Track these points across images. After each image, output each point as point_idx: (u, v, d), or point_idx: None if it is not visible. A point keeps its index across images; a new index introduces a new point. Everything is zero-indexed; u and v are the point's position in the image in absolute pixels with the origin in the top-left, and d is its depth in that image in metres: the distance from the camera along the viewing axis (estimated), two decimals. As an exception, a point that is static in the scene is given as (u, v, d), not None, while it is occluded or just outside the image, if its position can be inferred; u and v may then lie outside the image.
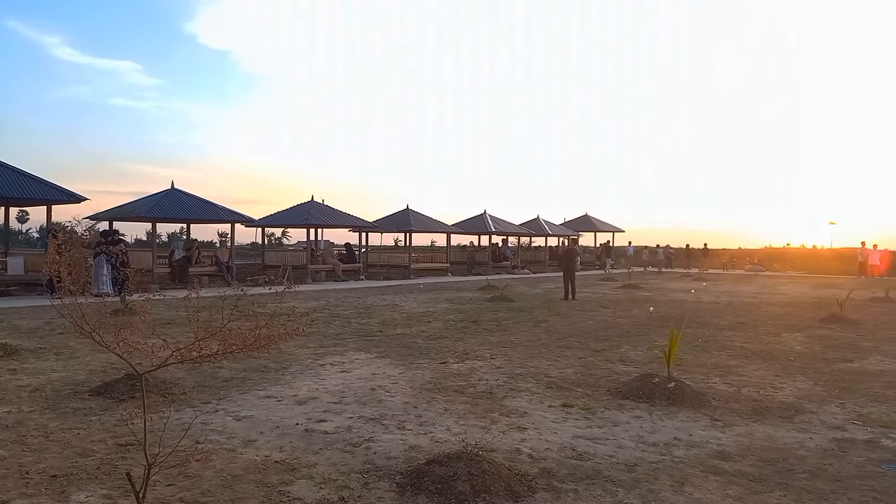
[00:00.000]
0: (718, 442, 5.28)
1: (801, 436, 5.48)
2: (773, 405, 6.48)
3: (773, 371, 8.21)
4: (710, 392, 6.95)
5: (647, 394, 6.59)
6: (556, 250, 36.38)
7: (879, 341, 10.72)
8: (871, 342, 10.62)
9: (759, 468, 4.67)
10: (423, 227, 29.71)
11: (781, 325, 12.69)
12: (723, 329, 12.10)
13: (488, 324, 12.42)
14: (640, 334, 11.33)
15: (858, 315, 13.97)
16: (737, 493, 4.19)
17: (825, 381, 7.60)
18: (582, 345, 10.10)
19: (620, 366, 8.44)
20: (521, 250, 37.78)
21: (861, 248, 32.23)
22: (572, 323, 12.78)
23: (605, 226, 41.68)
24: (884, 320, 13.67)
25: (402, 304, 16.15)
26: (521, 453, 4.91)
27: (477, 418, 5.89)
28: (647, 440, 5.30)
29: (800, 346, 10.17)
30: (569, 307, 15.94)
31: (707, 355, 9.27)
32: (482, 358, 8.85)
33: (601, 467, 4.65)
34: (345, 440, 5.19)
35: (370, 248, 31.49)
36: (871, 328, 12.37)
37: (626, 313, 14.67)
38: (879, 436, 5.47)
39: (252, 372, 7.64)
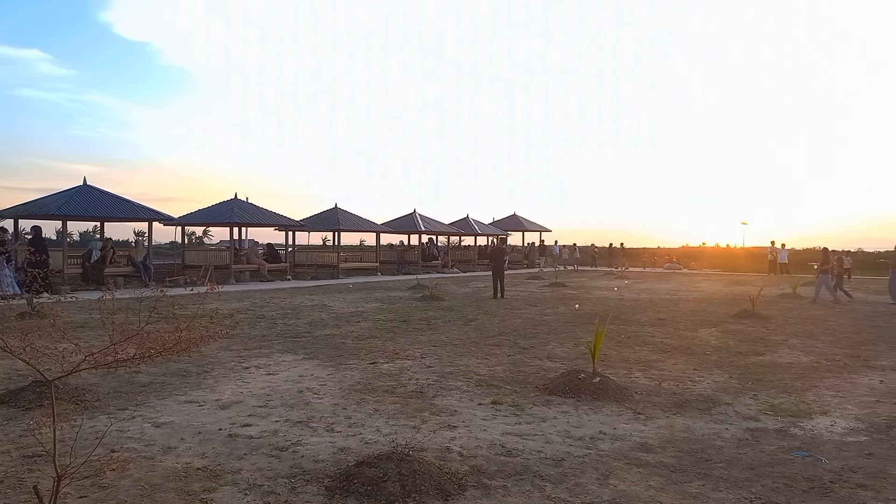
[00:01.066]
0: (641, 435, 5.45)
1: (717, 427, 5.73)
2: (692, 398, 6.75)
3: (691, 365, 8.55)
4: (632, 386, 7.17)
5: (574, 389, 6.74)
6: (485, 249, 36.76)
7: (788, 335, 11.36)
8: (781, 336, 11.24)
9: (679, 459, 4.85)
10: (352, 226, 29.37)
11: (698, 321, 13.26)
12: (644, 325, 12.53)
13: (418, 323, 12.40)
14: (566, 331, 11.58)
15: (769, 311, 14.76)
16: (659, 484, 4.33)
17: (739, 374, 7.98)
18: (511, 342, 10.23)
19: (548, 362, 8.60)
20: (451, 249, 37.98)
21: (771, 247, 34.14)
22: (501, 321, 12.93)
23: (533, 225, 42.44)
24: (792, 315, 14.49)
25: (331, 304, 15.91)
26: (452, 452, 4.91)
27: (407, 418, 5.85)
28: (573, 435, 5.42)
29: (715, 341, 10.65)
30: (498, 305, 16.13)
31: (630, 351, 9.57)
32: (412, 357, 8.82)
33: (530, 463, 4.71)
34: (271, 444, 5.04)
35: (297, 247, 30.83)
36: (781, 323, 13.10)
37: (553, 311, 14.97)
38: (788, 425, 5.79)
39: (172, 376, 7.33)
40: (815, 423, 5.83)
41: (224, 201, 25.28)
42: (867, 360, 9.02)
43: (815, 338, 11.06)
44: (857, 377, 7.88)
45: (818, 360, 8.94)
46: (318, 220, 29.37)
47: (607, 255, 40.76)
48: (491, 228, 38.98)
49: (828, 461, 4.79)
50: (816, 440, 5.35)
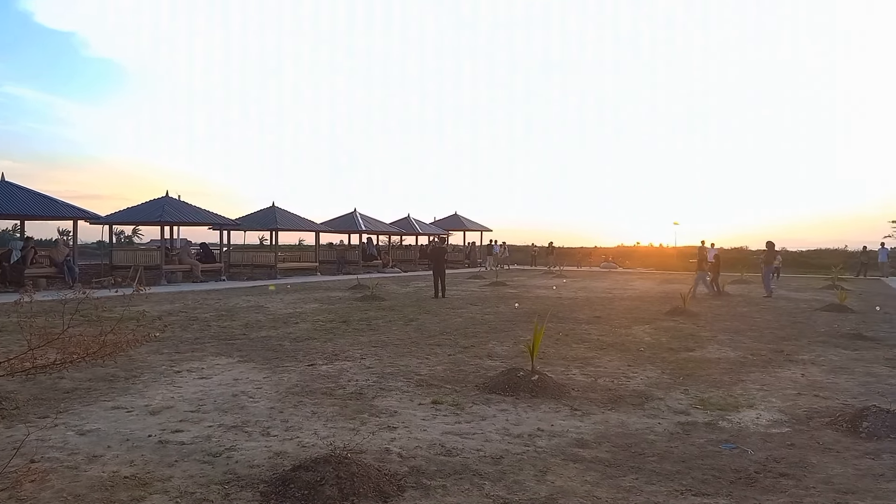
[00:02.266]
0: (577, 430, 5.55)
1: (650, 421, 5.89)
2: (626, 393, 6.93)
3: (625, 361, 8.78)
4: (570, 383, 7.30)
5: (513, 387, 6.80)
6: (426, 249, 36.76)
7: (717, 331, 11.82)
8: (710, 332, 11.68)
9: (614, 453, 4.96)
10: (291, 225, 28.82)
11: (633, 318, 13.64)
12: (581, 323, 12.79)
13: (358, 323, 12.28)
14: (506, 330, 11.70)
15: (699, 308, 15.33)
16: (594, 479, 4.42)
17: (671, 370, 8.23)
18: (451, 342, 10.25)
19: (488, 361, 8.66)
20: (392, 249, 37.83)
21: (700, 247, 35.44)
22: (442, 321, 12.95)
23: (474, 225, 42.74)
24: (720, 312, 15.09)
25: (268, 305, 15.58)
26: (391, 453, 4.88)
27: (346, 420, 5.78)
28: (512, 432, 5.46)
29: (649, 338, 10.97)
30: (439, 305, 16.15)
31: (567, 348, 9.74)
32: (352, 358, 8.72)
33: (469, 461, 4.72)
34: (203, 450, 4.88)
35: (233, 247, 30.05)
36: (710, 319, 13.61)
37: (493, 310, 15.11)
38: (717, 418, 6.01)
39: (98, 382, 7.01)
40: (741, 416, 6.07)
41: (154, 199, 24.37)
42: (790, 354, 9.46)
43: (741, 334, 11.53)
44: (781, 371, 8.25)
45: (745, 356, 9.32)
46: (255, 219, 28.72)
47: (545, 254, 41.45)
48: (432, 228, 39.03)
49: (753, 452, 4.99)
50: (743, 432, 5.57)
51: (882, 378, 7.85)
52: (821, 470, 4.61)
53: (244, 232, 31.88)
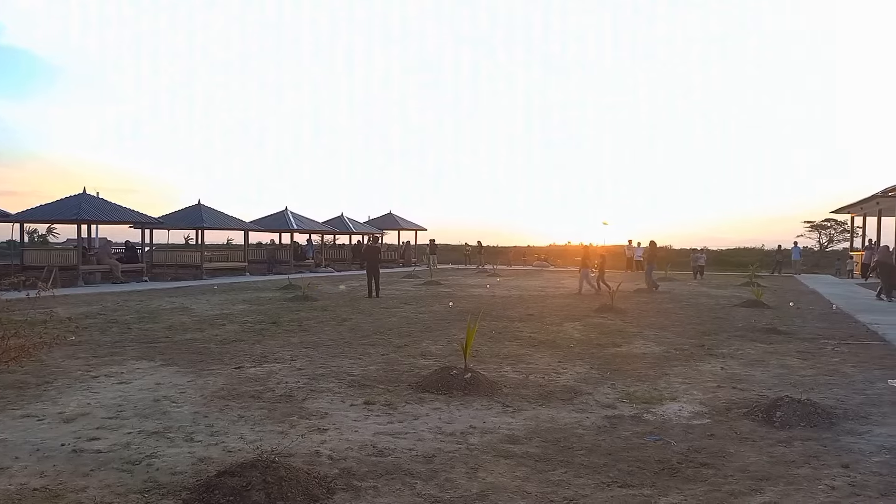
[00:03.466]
0: (509, 427, 5.60)
1: (579, 415, 6.01)
2: (557, 389, 7.05)
3: (556, 357, 8.94)
4: (502, 380, 7.37)
5: (446, 386, 6.81)
6: (359, 248, 36.43)
7: (643, 327, 12.20)
8: (636, 328, 12.05)
9: (544, 448, 5.03)
10: (218, 223, 27.94)
11: (564, 316, 13.92)
12: (514, 321, 12.96)
13: (289, 324, 12.03)
14: (440, 329, 11.71)
15: (626, 305, 15.79)
16: (525, 474, 4.46)
17: (599, 365, 8.44)
18: (385, 341, 10.18)
19: (422, 360, 8.64)
20: (325, 248, 37.31)
21: (628, 246, 36.60)
22: (376, 320, 12.85)
23: (408, 224, 42.66)
24: (646, 309, 15.59)
25: (193, 306, 15.05)
26: (321, 455, 4.79)
27: (275, 423, 5.63)
28: (444, 431, 5.46)
29: (579, 334, 11.22)
30: (373, 305, 16.02)
31: (500, 346, 9.84)
32: (282, 360, 8.53)
33: (401, 461, 4.69)
34: (122, 458, 4.65)
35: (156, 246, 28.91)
36: (636, 316, 14.04)
37: (427, 309, 15.11)
38: (642, 411, 6.19)
39: (5, 389, 6.58)
40: (665, 409, 6.27)
41: (71, 196, 23.13)
42: (710, 348, 9.86)
43: (666, 329, 11.95)
44: (702, 365, 8.59)
45: (668, 350, 9.66)
46: (180, 218, 27.73)
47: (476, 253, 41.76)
48: (366, 227, 38.71)
49: (676, 443, 5.16)
50: (666, 424, 5.75)
51: (794, 370, 8.28)
52: (738, 458, 4.81)
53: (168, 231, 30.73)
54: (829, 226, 55.76)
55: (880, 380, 7.55)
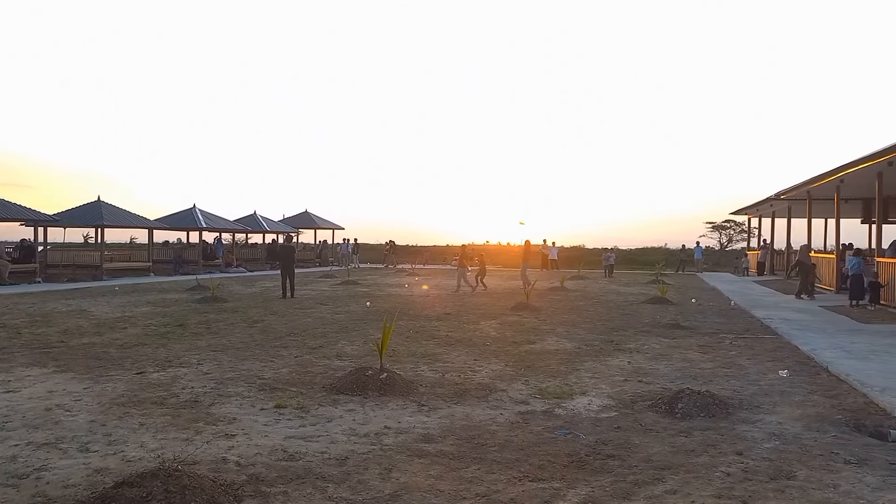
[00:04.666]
0: (424, 426, 5.59)
1: (493, 412, 6.08)
2: (472, 387, 7.10)
3: (472, 356, 9.02)
4: (418, 379, 7.36)
5: (361, 386, 6.72)
6: (273, 247, 35.49)
7: (556, 324, 12.52)
8: (550, 325, 12.35)
9: (458, 446, 5.05)
10: (119, 221, 26.46)
11: (480, 314, 14.08)
12: (431, 320, 12.98)
13: (197, 327, 11.55)
14: (356, 329, 11.57)
15: (540, 303, 16.17)
16: (438, 473, 4.46)
17: (514, 362, 8.58)
18: (299, 343, 9.95)
19: (337, 361, 8.50)
20: (237, 247, 36.14)
21: (543, 245, 37.51)
22: (290, 321, 12.54)
23: (325, 223, 41.98)
24: (559, 306, 16.01)
25: (92, 309, 14.20)
26: (228, 462, 4.61)
27: (179, 430, 5.38)
28: (358, 432, 5.39)
29: (494, 332, 11.37)
30: (287, 305, 15.64)
31: (417, 345, 9.83)
32: (188, 364, 8.17)
33: (312, 465, 4.58)
34: (7, 472, 4.31)
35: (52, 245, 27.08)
36: (550, 313, 14.39)
37: (344, 309, 14.90)
38: (554, 406, 6.33)
39: None
40: (575, 403, 6.45)
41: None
42: (618, 344, 10.23)
43: (577, 326, 12.31)
44: (611, 359, 8.89)
45: (580, 346, 9.95)
46: (78, 215, 26.11)
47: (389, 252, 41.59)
48: (280, 226, 37.77)
49: (585, 437, 5.31)
50: (576, 418, 5.91)
51: (695, 363, 8.71)
52: (643, 449, 5.00)
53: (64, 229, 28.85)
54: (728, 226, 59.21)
55: (772, 371, 8.06)
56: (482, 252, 22.43)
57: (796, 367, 8.26)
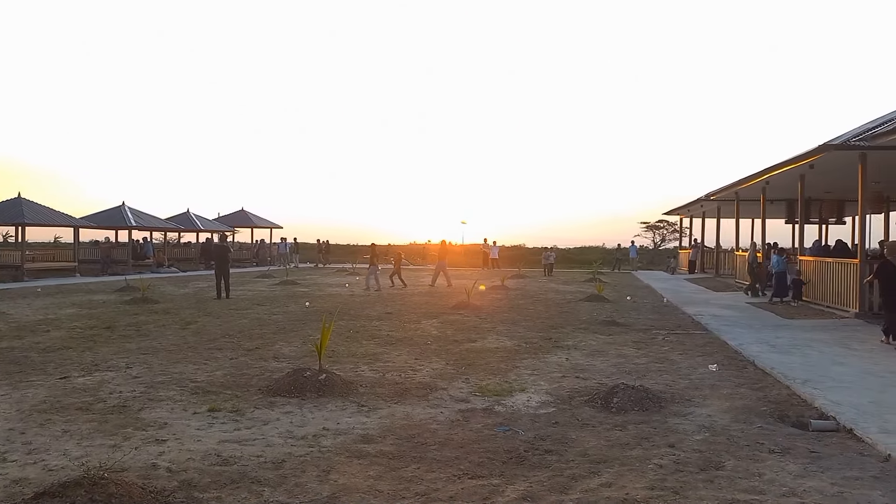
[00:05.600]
0: (363, 426, 5.53)
1: (433, 411, 6.07)
2: (413, 386, 7.07)
3: (413, 355, 8.99)
4: (358, 380, 7.27)
5: (299, 388, 6.60)
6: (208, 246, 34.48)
7: (496, 323, 12.62)
8: (490, 324, 12.44)
9: (398, 446, 5.01)
10: (42, 219, 25.15)
11: (422, 313, 14.05)
12: (372, 319, 12.88)
13: (126, 329, 11.10)
14: (295, 330, 11.36)
15: (481, 301, 16.28)
16: (377, 473, 4.42)
17: (455, 361, 8.60)
18: (234, 345, 9.69)
19: (274, 363, 8.32)
20: (168, 247, 34.94)
21: (484, 244, 37.81)
22: (224, 322, 12.21)
23: (262, 221, 41.09)
24: (500, 305, 16.15)
25: (11, 311, 13.45)
26: (159, 468, 4.44)
27: (105, 437, 5.15)
28: (296, 434, 5.28)
29: (436, 331, 11.37)
30: (222, 306, 15.22)
31: (357, 345, 9.73)
32: (116, 368, 7.83)
33: (247, 469, 4.46)
34: (-89, 489, 4.01)
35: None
36: (491, 312, 14.50)
37: (282, 310, 14.61)
38: (494, 404, 6.37)
39: None
40: (514, 400, 6.51)
41: None
42: (557, 341, 10.40)
43: (518, 324, 12.45)
44: (549, 356, 9.03)
45: (519, 344, 10.06)
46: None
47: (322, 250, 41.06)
48: (215, 224, 36.76)
49: (524, 433, 5.36)
50: (515, 415, 5.96)
51: (630, 358, 8.94)
52: (579, 444, 5.09)
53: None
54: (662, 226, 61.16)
55: (702, 365, 8.35)
56: (398, 251, 22.60)
57: (725, 362, 8.59)
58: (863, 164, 13.52)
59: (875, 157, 13.32)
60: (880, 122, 14.13)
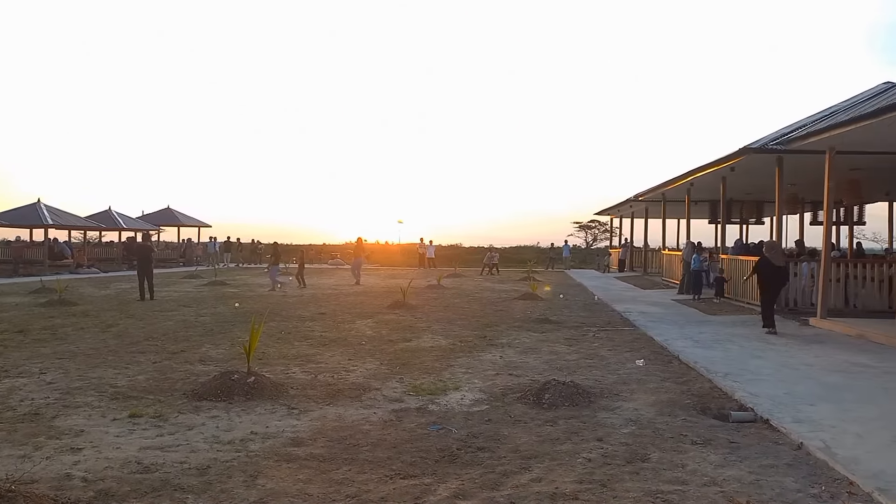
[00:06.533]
0: (294, 429, 5.40)
1: (366, 412, 6.00)
2: (346, 387, 6.97)
3: (347, 356, 8.86)
4: (289, 382, 7.11)
5: (226, 392, 6.39)
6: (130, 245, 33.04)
7: (431, 322, 12.61)
8: (426, 323, 12.42)
9: (329, 448, 4.92)
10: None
11: (357, 313, 13.90)
12: (305, 320, 12.64)
13: (40, 333, 10.49)
14: (223, 331, 11.02)
15: (417, 301, 16.24)
16: (307, 476, 4.32)
17: (389, 360, 8.53)
18: (158, 348, 9.32)
19: (200, 366, 8.03)
20: (89, 247, 33.33)
21: (420, 243, 37.80)
22: (148, 325, 11.72)
23: (190, 220, 39.77)
24: (436, 304, 16.16)
25: (-86, 315, 12.51)
26: (73, 478, 4.20)
27: (14, 447, 4.83)
28: (222, 439, 5.10)
29: (370, 331, 11.26)
30: (145, 308, 14.61)
31: (289, 346, 9.52)
32: (28, 374, 7.39)
33: (170, 476, 4.28)
34: None
35: None
36: (426, 311, 14.49)
37: (210, 311, 14.16)
38: (427, 403, 6.35)
39: None
40: (448, 399, 6.50)
41: None
42: (491, 339, 10.48)
43: (453, 323, 12.48)
44: (484, 354, 9.08)
45: (454, 342, 10.08)
46: None
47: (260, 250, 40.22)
48: (139, 223, 35.31)
49: (457, 431, 5.36)
50: (449, 413, 5.96)
51: (562, 355, 9.10)
52: (511, 440, 5.12)
53: None
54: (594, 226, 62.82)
55: (629, 361, 8.59)
56: (301, 250, 22.54)
57: (651, 357, 8.86)
58: (779, 166, 14.24)
59: (791, 161, 14.05)
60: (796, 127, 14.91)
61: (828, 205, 12.58)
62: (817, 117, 15.05)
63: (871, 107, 10.28)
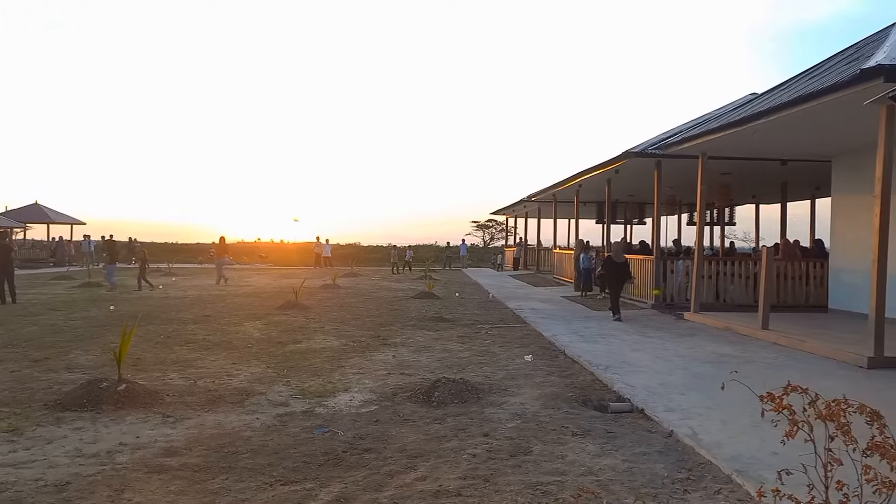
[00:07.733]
0: (167, 439, 5.08)
1: (248, 417, 5.75)
2: (227, 392, 6.66)
3: (231, 359, 8.49)
4: (165, 388, 6.70)
5: (94, 401, 5.93)
6: None
7: (324, 322, 12.35)
8: (318, 324, 12.14)
9: (205, 457, 4.66)
10: None
11: (244, 315, 13.37)
12: (187, 323, 12.01)
13: None
14: (95, 336, 10.26)
15: (310, 301, 15.86)
16: (180, 488, 4.07)
17: (276, 363, 8.25)
18: (19, 355, 8.53)
19: (66, 374, 7.42)
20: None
21: (316, 242, 37.04)
22: (8, 331, 10.71)
23: (61, 217, 36.91)
24: (330, 304, 15.85)
25: None
26: None
27: None
28: (86, 452, 4.72)
29: (258, 333, 10.86)
30: (5, 312, 13.37)
31: (168, 351, 9.00)
32: None
33: (23, 496, 3.90)
34: None
35: None
36: (319, 311, 14.18)
37: (82, 314, 13.16)
38: (315, 405, 6.18)
39: None
40: (337, 400, 6.37)
41: None
42: (385, 339, 10.40)
43: (346, 323, 12.28)
44: (376, 354, 8.99)
45: (347, 343, 9.91)
46: None
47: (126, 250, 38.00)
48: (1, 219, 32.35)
49: (343, 433, 5.25)
50: (337, 415, 5.83)
51: (454, 353, 9.17)
52: (398, 440, 5.08)
53: None
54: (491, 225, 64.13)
55: (518, 356, 8.78)
56: (143, 250, 21.95)
57: (539, 352, 9.11)
58: (658, 169, 15.09)
59: (668, 164, 14.94)
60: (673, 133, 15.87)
61: (701, 206, 13.46)
62: (692, 124, 16.11)
63: (738, 115, 11.11)
